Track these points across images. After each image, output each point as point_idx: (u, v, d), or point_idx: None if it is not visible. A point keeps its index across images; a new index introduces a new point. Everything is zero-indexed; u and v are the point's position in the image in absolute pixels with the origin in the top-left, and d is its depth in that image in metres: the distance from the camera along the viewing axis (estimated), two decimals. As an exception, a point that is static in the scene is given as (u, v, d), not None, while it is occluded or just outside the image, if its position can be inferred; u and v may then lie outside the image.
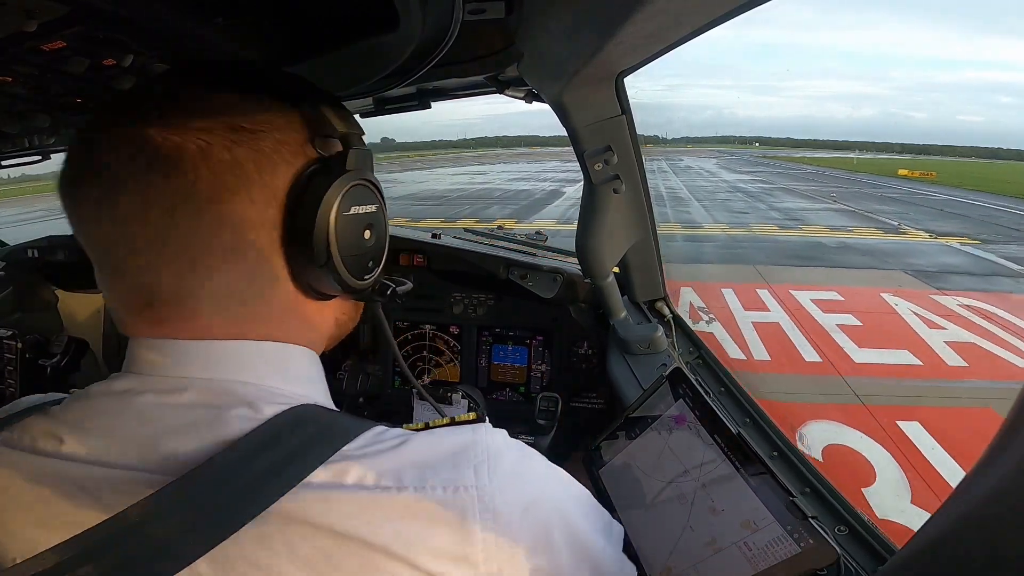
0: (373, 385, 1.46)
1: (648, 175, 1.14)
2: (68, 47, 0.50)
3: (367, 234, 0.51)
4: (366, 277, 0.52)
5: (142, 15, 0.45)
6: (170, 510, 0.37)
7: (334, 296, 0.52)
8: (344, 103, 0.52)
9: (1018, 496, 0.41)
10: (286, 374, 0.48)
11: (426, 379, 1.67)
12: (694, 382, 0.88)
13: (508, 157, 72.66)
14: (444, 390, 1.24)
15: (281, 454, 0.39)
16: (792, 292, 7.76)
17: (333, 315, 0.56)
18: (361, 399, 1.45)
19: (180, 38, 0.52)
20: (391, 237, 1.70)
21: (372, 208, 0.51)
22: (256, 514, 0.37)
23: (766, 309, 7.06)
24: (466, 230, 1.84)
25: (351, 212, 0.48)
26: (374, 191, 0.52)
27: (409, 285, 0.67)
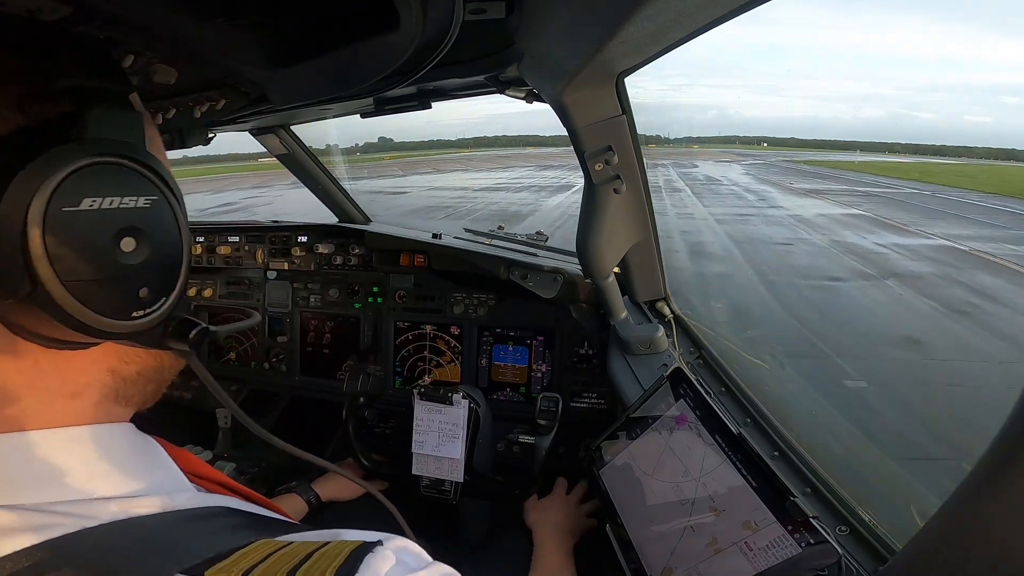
0: (374, 385, 1.46)
1: (653, 193, 1.14)
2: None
3: (127, 244, 0.34)
4: (135, 314, 0.35)
5: (142, 15, 0.45)
6: None
7: (83, 342, 0.35)
8: (344, 103, 0.51)
9: (1018, 497, 0.41)
10: (11, 483, 0.33)
11: (427, 379, 1.67)
12: (695, 382, 0.88)
13: (479, 162, 54.34)
14: (445, 390, 1.24)
15: None
16: None
17: (105, 365, 0.39)
18: (362, 399, 1.45)
19: (180, 38, 0.52)
20: (393, 238, 1.67)
21: (134, 203, 0.34)
22: None
23: None
24: (467, 230, 1.84)
25: (82, 207, 0.32)
26: (145, 178, 0.35)
27: (251, 321, 0.53)
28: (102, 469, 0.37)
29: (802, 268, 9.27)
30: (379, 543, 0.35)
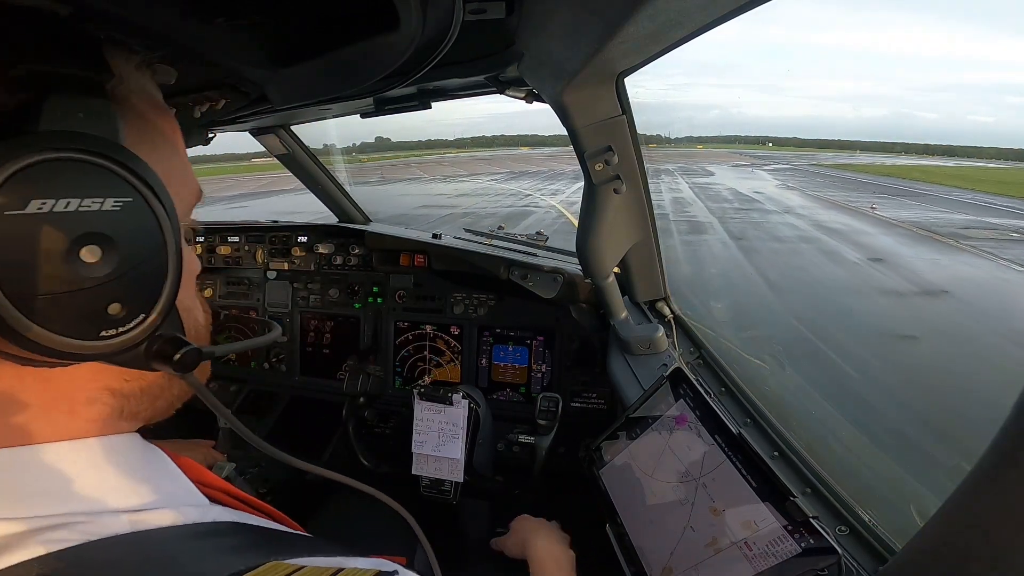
0: (374, 385, 1.46)
1: (662, 233, 1.10)
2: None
3: (89, 254, 0.30)
4: (105, 333, 0.32)
5: (142, 15, 0.45)
6: None
7: (53, 362, 0.32)
8: (344, 103, 0.50)
9: (1018, 497, 0.41)
10: (21, 495, 0.32)
11: (427, 379, 1.67)
12: (695, 382, 0.88)
13: (449, 165, 43.38)
14: (445, 390, 1.24)
15: None
16: None
17: (100, 383, 0.36)
18: (362, 399, 1.45)
19: (180, 38, 0.52)
20: (393, 238, 1.66)
21: (99, 205, 0.30)
22: None
23: None
24: (466, 230, 1.84)
25: (28, 211, 0.28)
26: (117, 176, 0.31)
27: (265, 338, 0.49)
28: (109, 481, 0.35)
29: None
30: (395, 573, 0.34)
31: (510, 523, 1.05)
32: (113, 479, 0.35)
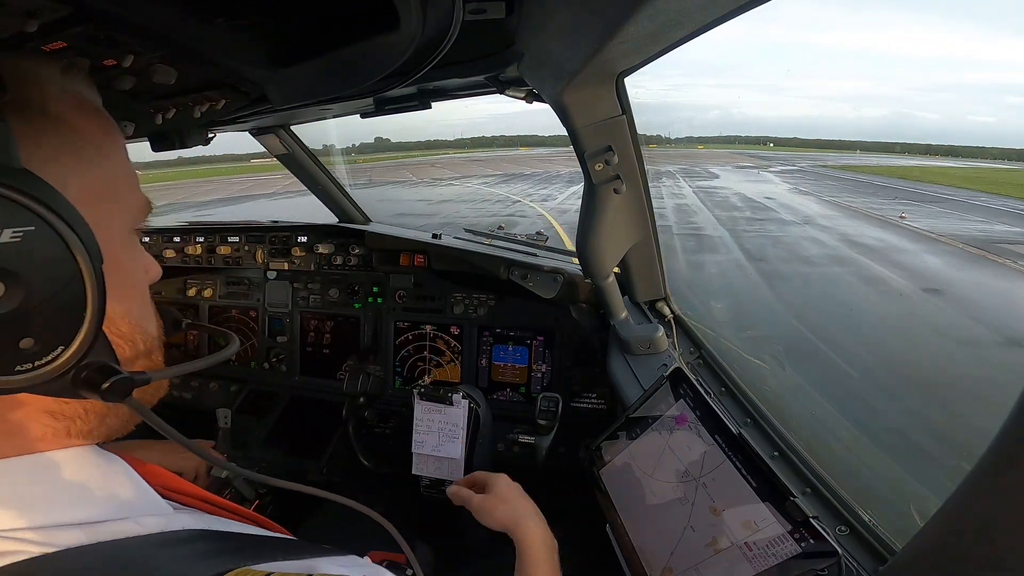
0: (374, 385, 1.46)
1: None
2: (69, 48, 0.50)
3: None
4: (20, 368, 0.30)
5: (142, 15, 0.45)
6: None
7: None
8: (344, 103, 0.50)
9: (1018, 497, 0.41)
10: None
11: (427, 379, 1.67)
12: (695, 382, 0.88)
13: (440, 168, 39.99)
14: (445, 390, 1.24)
15: None
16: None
17: (37, 407, 0.36)
18: (362, 399, 1.45)
19: (180, 38, 0.52)
20: (393, 238, 1.65)
21: None
22: None
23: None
24: (466, 229, 1.84)
25: None
26: (13, 204, 0.29)
27: (215, 358, 0.46)
28: (61, 494, 0.35)
29: None
30: None
31: (489, 481, 0.92)
32: (63, 493, 0.35)
